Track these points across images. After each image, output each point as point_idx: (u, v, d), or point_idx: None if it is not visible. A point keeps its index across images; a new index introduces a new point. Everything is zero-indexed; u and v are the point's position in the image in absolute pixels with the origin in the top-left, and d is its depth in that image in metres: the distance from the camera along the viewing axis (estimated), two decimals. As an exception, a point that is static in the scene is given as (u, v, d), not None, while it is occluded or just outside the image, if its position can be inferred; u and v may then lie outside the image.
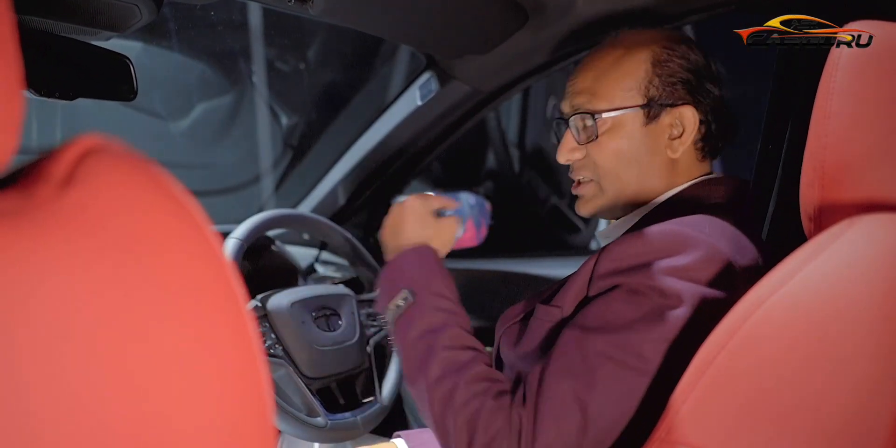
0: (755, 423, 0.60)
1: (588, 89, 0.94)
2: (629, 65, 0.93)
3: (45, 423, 0.25)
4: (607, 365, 0.74)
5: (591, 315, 0.79)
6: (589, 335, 0.76)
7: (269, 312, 1.23)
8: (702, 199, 0.91)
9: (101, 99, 0.98)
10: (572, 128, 0.96)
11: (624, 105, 0.92)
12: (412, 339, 0.86)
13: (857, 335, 0.57)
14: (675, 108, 0.92)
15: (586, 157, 0.96)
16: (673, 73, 0.93)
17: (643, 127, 0.92)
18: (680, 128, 0.93)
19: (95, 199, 0.27)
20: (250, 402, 0.32)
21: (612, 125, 0.93)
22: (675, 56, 0.93)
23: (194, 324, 0.29)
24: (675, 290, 0.75)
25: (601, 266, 0.81)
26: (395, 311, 0.90)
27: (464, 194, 1.11)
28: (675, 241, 0.78)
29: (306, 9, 0.95)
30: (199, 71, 2.68)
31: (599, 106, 0.93)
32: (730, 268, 0.77)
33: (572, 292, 0.84)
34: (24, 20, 0.85)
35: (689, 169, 0.95)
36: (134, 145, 0.33)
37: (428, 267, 0.92)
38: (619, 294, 0.78)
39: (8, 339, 0.24)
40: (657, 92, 0.92)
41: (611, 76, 0.93)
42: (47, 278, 0.25)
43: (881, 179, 0.64)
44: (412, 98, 1.55)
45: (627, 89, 0.93)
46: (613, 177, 0.94)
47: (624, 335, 0.74)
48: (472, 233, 1.10)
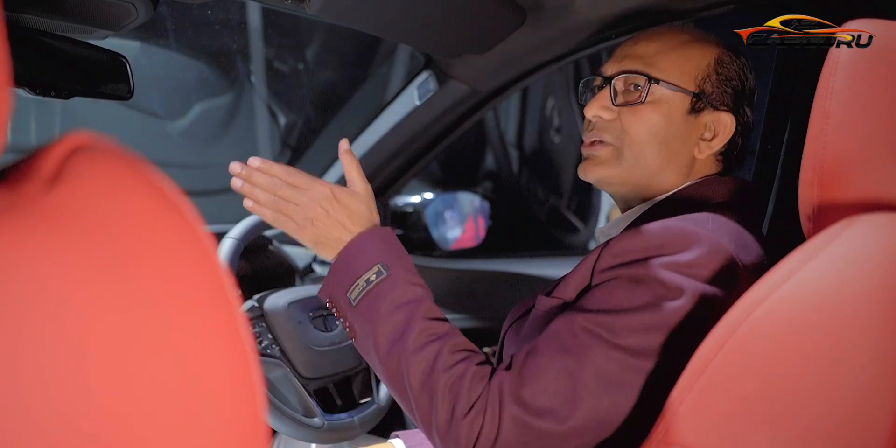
0: (753, 423, 0.60)
1: (647, 57, 0.93)
2: (695, 52, 0.93)
3: (31, 422, 0.24)
4: (598, 342, 0.74)
5: (588, 299, 0.79)
6: (580, 315, 0.77)
7: (265, 313, 1.23)
8: (705, 198, 0.90)
9: (98, 98, 0.98)
10: (613, 88, 0.93)
11: (678, 84, 0.91)
12: (387, 310, 0.83)
13: (856, 335, 0.57)
14: (718, 111, 0.92)
15: (615, 120, 0.93)
16: (730, 78, 0.93)
17: (684, 115, 0.92)
18: (713, 132, 0.93)
19: (83, 196, 0.27)
20: (242, 402, 0.31)
21: (657, 98, 0.91)
22: (737, 64, 0.94)
23: (183, 322, 0.28)
24: (676, 283, 0.74)
25: (603, 261, 0.80)
26: (364, 287, 0.85)
27: (463, 194, 1.10)
28: (678, 236, 0.78)
29: (303, 8, 0.95)
30: (198, 70, 2.68)
31: (654, 75, 0.92)
32: (733, 265, 0.77)
33: (573, 285, 0.83)
34: (20, 18, 0.84)
35: (704, 174, 0.95)
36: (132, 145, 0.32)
37: (396, 245, 0.90)
38: (619, 282, 0.78)
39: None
40: (711, 88, 0.92)
41: (674, 54, 0.92)
42: (33, 275, 0.25)
43: (880, 179, 0.64)
44: (410, 98, 1.55)
45: (685, 73, 0.92)
46: (639, 149, 0.91)
47: (617, 316, 0.74)
48: (472, 232, 1.10)
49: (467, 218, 1.98)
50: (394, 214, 1.88)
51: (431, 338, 0.81)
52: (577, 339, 0.75)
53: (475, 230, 1.95)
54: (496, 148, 3.03)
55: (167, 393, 0.28)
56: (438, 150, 1.68)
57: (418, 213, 1.90)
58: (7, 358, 0.24)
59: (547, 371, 0.75)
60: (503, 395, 0.74)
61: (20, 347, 0.24)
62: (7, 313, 0.24)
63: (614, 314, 0.75)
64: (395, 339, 0.82)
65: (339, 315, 0.89)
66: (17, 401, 0.24)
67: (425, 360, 0.79)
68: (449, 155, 2.86)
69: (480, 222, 1.98)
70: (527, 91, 2.97)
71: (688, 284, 0.74)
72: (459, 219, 1.94)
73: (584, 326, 0.75)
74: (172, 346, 0.28)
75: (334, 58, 2.91)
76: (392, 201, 1.88)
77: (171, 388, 0.28)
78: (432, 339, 0.81)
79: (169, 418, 0.28)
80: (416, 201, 1.92)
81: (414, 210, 1.90)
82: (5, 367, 0.24)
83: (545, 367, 0.75)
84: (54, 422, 0.25)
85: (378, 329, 0.83)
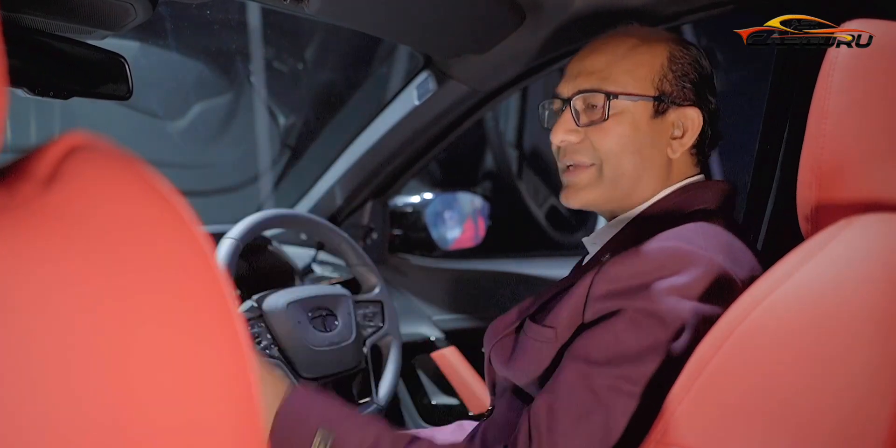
0: (751, 424, 0.60)
1: (599, 72, 0.91)
2: (645, 55, 0.91)
3: (27, 421, 0.24)
4: (621, 399, 0.73)
5: (594, 346, 0.76)
6: (596, 369, 0.74)
7: (265, 313, 1.23)
8: (690, 204, 0.90)
9: (97, 98, 0.98)
10: (573, 109, 0.92)
11: (637, 93, 0.90)
12: None
13: (854, 336, 0.57)
14: (682, 107, 0.91)
15: (583, 140, 0.92)
16: (685, 73, 0.92)
17: (650, 119, 0.91)
18: (681, 129, 0.92)
19: (79, 196, 0.27)
20: (239, 401, 0.31)
21: (620, 111, 0.90)
22: (689, 57, 0.93)
23: (180, 322, 0.28)
24: (677, 312, 0.73)
25: (597, 287, 0.78)
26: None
27: (462, 195, 1.10)
28: (673, 259, 0.77)
29: (302, 8, 0.95)
30: (197, 70, 2.67)
31: (610, 90, 0.90)
32: (730, 281, 0.76)
33: (566, 313, 0.81)
34: (19, 18, 0.84)
35: (683, 173, 0.94)
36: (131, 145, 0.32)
37: (318, 400, 0.84)
38: (621, 322, 0.75)
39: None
40: (670, 87, 0.91)
41: (625, 63, 0.91)
42: (29, 276, 0.25)
43: (878, 179, 0.63)
44: (409, 98, 1.55)
45: (641, 78, 0.91)
46: (616, 163, 0.90)
47: (633, 367, 0.73)
48: (471, 233, 1.09)
49: (466, 218, 1.98)
50: (393, 214, 1.88)
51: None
52: (598, 398, 0.73)
53: (474, 230, 1.96)
54: (495, 148, 3.03)
55: (162, 392, 0.28)
56: (438, 150, 1.67)
57: (418, 213, 1.90)
58: (2, 358, 0.24)
59: (576, 441, 0.73)
60: None
61: (15, 348, 0.24)
62: (2, 313, 0.24)
63: (630, 363, 0.73)
64: None
65: None
66: (11, 402, 0.24)
67: None
68: (448, 155, 2.86)
69: (480, 222, 1.98)
70: (526, 91, 2.96)
71: (688, 310, 0.74)
72: (459, 219, 1.94)
73: (603, 384, 0.74)
74: (168, 346, 0.28)
75: (334, 58, 2.91)
76: (392, 201, 1.88)
77: (166, 387, 0.28)
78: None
79: (165, 419, 0.28)
80: (415, 201, 1.92)
81: (413, 210, 1.90)
82: (1, 365, 0.24)
83: (573, 438, 0.73)
84: (48, 423, 0.25)
85: None
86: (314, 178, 1.81)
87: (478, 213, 1.99)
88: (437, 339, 1.73)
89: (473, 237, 1.97)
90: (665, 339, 0.73)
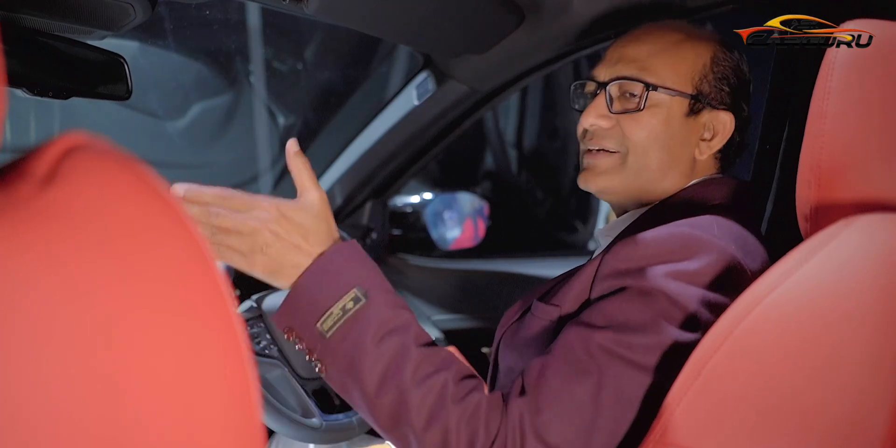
0: (750, 424, 0.60)
1: (640, 61, 0.90)
2: (689, 52, 0.91)
3: (23, 423, 0.24)
4: (615, 363, 0.71)
5: (597, 313, 0.75)
6: (595, 332, 0.73)
7: (264, 313, 1.23)
8: (704, 200, 0.89)
9: (96, 98, 0.98)
10: (608, 94, 0.91)
11: (675, 88, 0.90)
12: (373, 341, 0.73)
13: (854, 336, 0.57)
14: (716, 110, 0.91)
15: (613, 127, 0.91)
16: (726, 76, 0.92)
17: (683, 117, 0.90)
18: (712, 131, 0.92)
19: (77, 196, 0.27)
20: (237, 402, 0.31)
21: (656, 103, 0.89)
22: (732, 61, 0.92)
23: (178, 322, 0.28)
24: (684, 295, 0.73)
25: (606, 266, 0.78)
26: (340, 316, 0.75)
27: (461, 195, 1.10)
28: (684, 244, 0.76)
29: (301, 8, 0.95)
30: (196, 70, 2.67)
31: (650, 81, 0.89)
32: (740, 271, 0.76)
33: (573, 292, 0.81)
34: (19, 18, 0.84)
35: (705, 175, 0.94)
36: (131, 145, 0.32)
37: (368, 263, 0.78)
38: (627, 294, 0.75)
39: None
40: (708, 88, 0.91)
41: (668, 56, 0.90)
42: (27, 276, 0.25)
43: (878, 179, 0.63)
44: (409, 98, 1.55)
45: (682, 74, 0.90)
46: (642, 155, 0.90)
47: (632, 334, 0.72)
48: (471, 233, 1.09)
49: (466, 218, 1.98)
50: (393, 214, 1.88)
51: (433, 367, 0.73)
52: (593, 359, 0.71)
53: (474, 230, 1.96)
54: (495, 148, 3.04)
55: (160, 392, 0.28)
56: (437, 150, 1.68)
57: (417, 213, 1.90)
58: (1, 358, 0.24)
59: (565, 398, 0.71)
60: (524, 429, 0.70)
61: (14, 347, 0.24)
62: (1, 313, 0.24)
63: (631, 331, 0.72)
64: (389, 372, 0.73)
65: (303, 347, 0.77)
66: (10, 401, 0.24)
67: (432, 393, 0.71)
68: (448, 155, 2.86)
69: (479, 222, 1.98)
70: (526, 91, 2.97)
71: (695, 295, 0.73)
72: (458, 219, 1.94)
73: (600, 344, 0.72)
74: (166, 346, 0.28)
75: (333, 58, 2.91)
76: (391, 201, 1.88)
77: (164, 387, 0.28)
78: (435, 369, 0.73)
79: (162, 418, 0.28)
80: (415, 201, 1.92)
81: (413, 210, 1.90)
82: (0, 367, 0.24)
83: (562, 394, 0.71)
84: (46, 422, 0.25)
85: (363, 362, 0.73)
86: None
87: (477, 214, 1.99)
88: (437, 339, 1.73)
89: (473, 237, 1.98)
90: (667, 319, 0.72)
